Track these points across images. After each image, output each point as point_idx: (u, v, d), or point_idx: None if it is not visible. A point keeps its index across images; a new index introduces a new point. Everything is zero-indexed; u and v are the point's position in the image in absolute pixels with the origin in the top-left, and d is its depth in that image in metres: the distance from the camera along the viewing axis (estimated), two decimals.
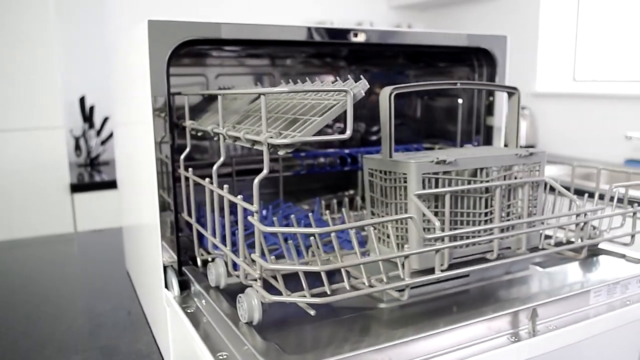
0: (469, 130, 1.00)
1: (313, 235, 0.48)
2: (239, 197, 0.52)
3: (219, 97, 0.58)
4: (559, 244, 0.68)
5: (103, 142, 2.30)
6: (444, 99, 1.09)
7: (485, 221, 0.61)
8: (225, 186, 0.56)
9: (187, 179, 0.73)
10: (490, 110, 0.96)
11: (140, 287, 0.93)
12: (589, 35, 2.43)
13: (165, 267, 0.73)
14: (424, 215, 0.56)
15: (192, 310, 0.65)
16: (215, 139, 0.61)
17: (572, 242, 0.68)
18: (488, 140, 0.97)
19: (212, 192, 0.62)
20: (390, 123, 0.57)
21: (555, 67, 2.53)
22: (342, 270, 0.50)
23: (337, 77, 1.34)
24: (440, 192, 0.55)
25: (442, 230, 0.54)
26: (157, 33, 0.67)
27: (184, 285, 0.72)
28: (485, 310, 0.58)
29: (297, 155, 1.01)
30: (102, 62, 2.37)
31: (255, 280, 0.50)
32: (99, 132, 2.29)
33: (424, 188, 0.56)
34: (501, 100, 0.95)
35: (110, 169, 2.22)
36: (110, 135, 2.32)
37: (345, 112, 0.46)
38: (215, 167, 0.59)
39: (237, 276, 0.59)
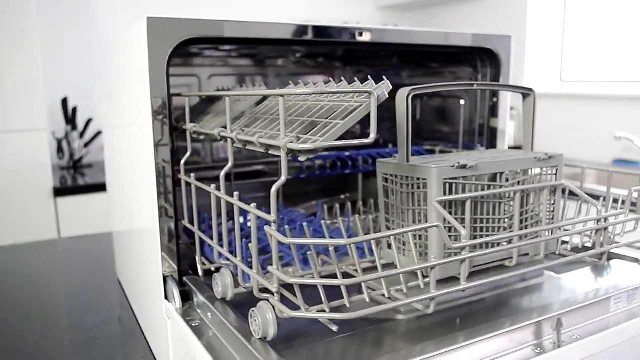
0: (471, 132, 0.98)
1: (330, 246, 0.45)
2: (252, 205, 0.49)
3: (227, 98, 0.55)
4: (575, 249, 0.67)
5: (86, 145, 2.24)
6: (444, 99, 1.07)
7: (504, 227, 0.59)
8: (236, 193, 0.53)
9: (187, 184, 0.69)
10: (494, 111, 0.94)
11: (134, 297, 0.89)
12: (576, 35, 2.44)
13: (165, 277, 0.69)
14: (444, 222, 0.54)
15: (196, 324, 0.61)
16: (222, 142, 0.58)
17: (589, 248, 0.66)
18: (492, 142, 0.96)
19: (218, 199, 0.59)
20: (407, 126, 0.55)
21: (542, 67, 2.54)
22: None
23: (331, 78, 1.31)
24: (464, 197, 0.52)
25: (469, 238, 0.52)
26: (156, 31, 0.64)
27: (185, 297, 0.68)
28: (505, 320, 0.56)
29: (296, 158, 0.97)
30: (85, 62, 2.30)
31: (272, 293, 0.47)
32: (82, 134, 2.22)
33: (444, 194, 0.53)
34: (505, 101, 0.93)
35: (94, 172, 2.16)
36: (94, 138, 2.26)
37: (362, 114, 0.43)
38: (223, 172, 0.56)
39: (247, 288, 0.56)
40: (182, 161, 0.69)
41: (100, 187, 1.95)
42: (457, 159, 0.58)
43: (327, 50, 1.12)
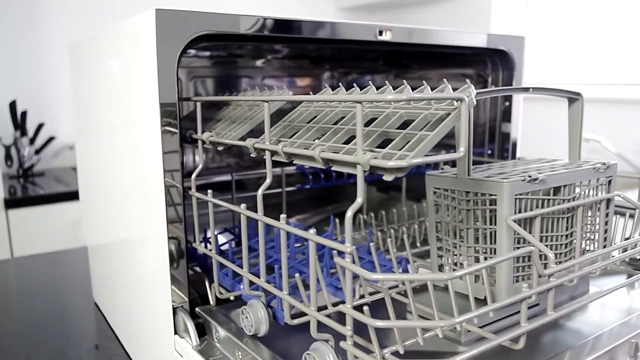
0: (482, 138, 0.94)
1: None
2: (311, 230, 0.41)
3: (265, 104, 0.47)
4: (624, 263, 0.63)
5: (37, 151, 2.06)
6: None
7: (565, 244, 0.54)
8: (283, 216, 0.45)
9: (198, 201, 0.61)
10: (506, 116, 0.90)
11: (124, 327, 0.79)
12: (542, 38, 2.48)
13: (174, 309, 0.61)
14: (523, 242, 0.48)
15: None
16: (253, 155, 0.50)
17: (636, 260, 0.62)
18: (503, 149, 0.92)
19: (247, 219, 0.51)
20: (469, 135, 0.49)
21: None
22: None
23: (322, 81, 1.24)
24: (539, 214, 0.47)
25: (557, 262, 0.46)
26: (166, 25, 0.55)
27: (200, 331, 0.60)
28: (573, 345, 0.51)
29: (302, 168, 0.90)
30: (35, 63, 2.13)
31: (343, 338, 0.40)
32: (32, 140, 2.05)
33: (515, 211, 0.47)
34: (517, 105, 0.90)
35: (46, 181, 1.99)
36: (46, 144, 2.09)
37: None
38: (260, 191, 0.48)
39: (291, 323, 0.48)
40: (194, 175, 0.61)
41: (57, 198, 1.80)
42: (514, 171, 0.52)
43: (315, 50, 1.04)
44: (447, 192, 0.52)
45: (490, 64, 0.90)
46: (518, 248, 0.49)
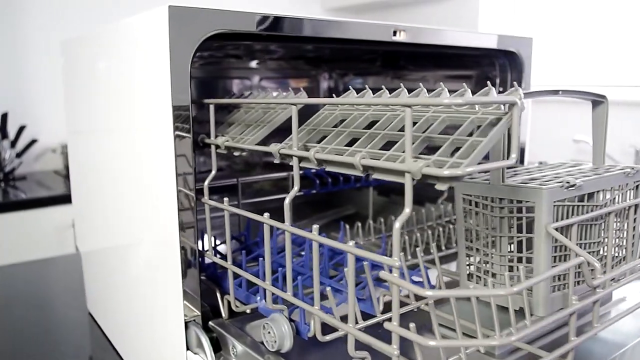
0: None
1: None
2: (351, 243, 0.39)
3: (293, 107, 0.44)
4: None
5: (19, 155, 2.00)
6: None
7: (597, 251, 0.52)
8: (315, 226, 0.42)
9: (210, 209, 0.58)
10: None
11: (127, 342, 0.75)
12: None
13: (186, 323, 0.57)
14: (558, 250, 0.47)
15: None
16: (276, 161, 0.47)
17: None
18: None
19: (271, 230, 0.48)
20: (504, 140, 0.47)
21: None
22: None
23: (319, 82, 1.22)
24: (579, 221, 0.45)
25: (604, 272, 0.44)
26: (180, 23, 0.52)
27: (215, 346, 0.56)
28: (609, 356, 0.49)
29: (308, 172, 0.87)
30: (16, 64, 2.06)
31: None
32: (13, 143, 1.98)
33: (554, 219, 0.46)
34: (526, 109, 0.88)
35: (28, 185, 1.92)
36: (28, 147, 2.02)
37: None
38: (288, 199, 0.45)
39: (323, 340, 0.45)
40: (206, 182, 0.58)
41: (41, 202, 1.73)
42: (545, 176, 0.50)
43: (313, 51, 1.01)
44: (479, 198, 0.50)
45: (498, 65, 0.88)
46: (555, 257, 0.47)
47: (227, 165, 1.06)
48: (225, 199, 0.54)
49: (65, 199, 1.77)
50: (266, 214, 0.48)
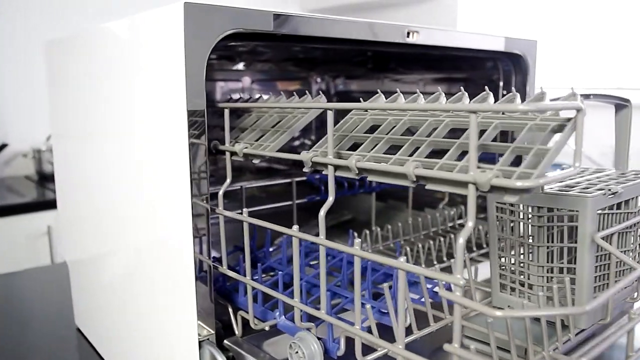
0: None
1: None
2: (401, 259, 0.36)
3: (329, 112, 0.41)
4: None
5: None
6: None
7: (633, 258, 0.51)
8: (357, 240, 0.40)
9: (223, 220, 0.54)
10: None
11: None
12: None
13: (200, 342, 0.54)
14: (599, 260, 0.45)
15: None
16: (306, 169, 0.44)
17: None
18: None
19: (298, 242, 0.45)
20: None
21: None
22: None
23: (311, 85, 1.19)
24: (622, 228, 0.44)
25: None
26: (195, 22, 0.48)
27: None
28: None
29: (312, 178, 0.84)
30: None
31: None
32: None
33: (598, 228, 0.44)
34: None
35: None
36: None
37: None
38: (322, 211, 0.42)
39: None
40: (221, 192, 0.54)
41: (12, 210, 1.65)
42: (579, 183, 0.49)
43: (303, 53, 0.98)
44: (514, 207, 0.48)
45: (502, 68, 0.87)
46: (597, 266, 0.45)
47: (217, 169, 1.02)
48: (245, 209, 0.51)
49: (39, 205, 1.69)
50: (295, 227, 0.45)
